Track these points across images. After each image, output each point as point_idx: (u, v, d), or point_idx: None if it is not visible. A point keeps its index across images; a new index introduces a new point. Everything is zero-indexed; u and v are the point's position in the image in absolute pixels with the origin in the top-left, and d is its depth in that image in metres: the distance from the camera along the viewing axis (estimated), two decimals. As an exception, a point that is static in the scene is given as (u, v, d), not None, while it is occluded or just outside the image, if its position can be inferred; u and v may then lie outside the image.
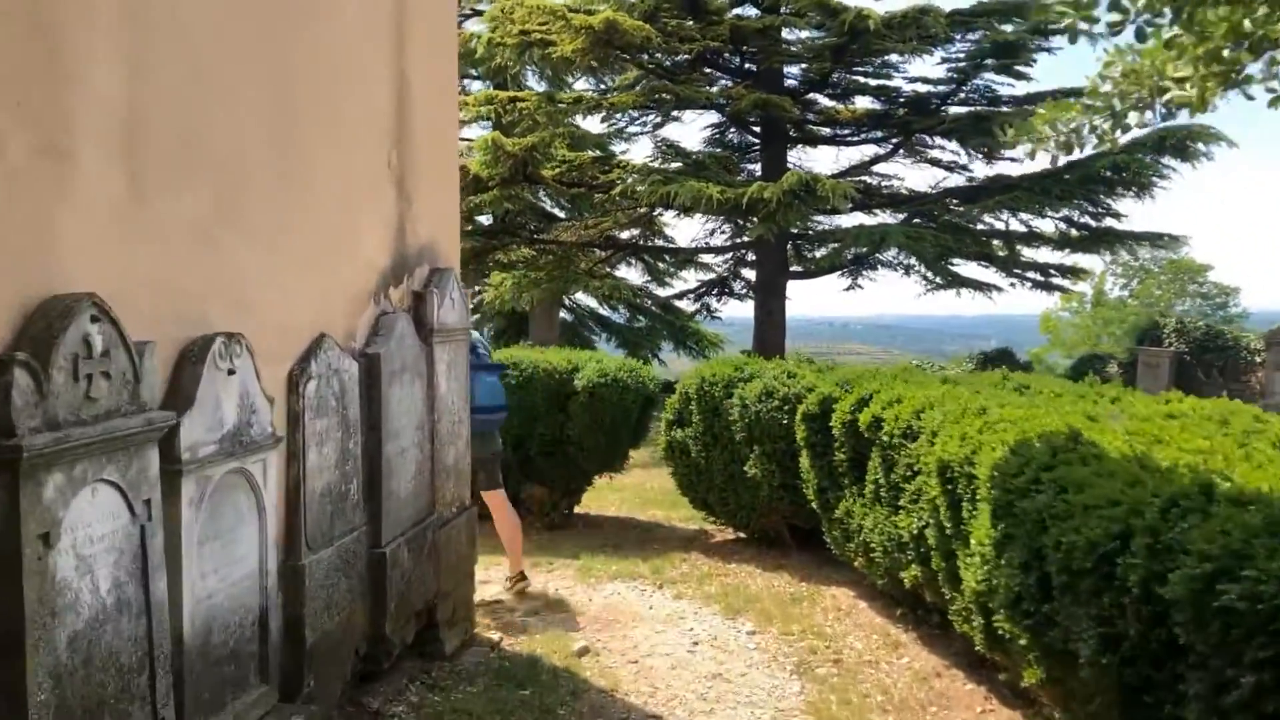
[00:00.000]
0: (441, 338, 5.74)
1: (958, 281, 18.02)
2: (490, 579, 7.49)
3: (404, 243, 5.50)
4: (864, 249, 16.85)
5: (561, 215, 22.87)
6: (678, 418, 8.76)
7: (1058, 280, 18.98)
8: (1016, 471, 3.98)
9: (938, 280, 18.14)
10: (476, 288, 24.94)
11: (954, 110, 17.90)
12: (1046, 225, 17.37)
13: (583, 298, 28.55)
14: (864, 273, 21.38)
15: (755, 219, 14.96)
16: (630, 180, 15.93)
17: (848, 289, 21.87)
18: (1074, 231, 17.26)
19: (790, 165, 17.63)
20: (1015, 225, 17.35)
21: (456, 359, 6.05)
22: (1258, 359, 17.39)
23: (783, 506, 7.87)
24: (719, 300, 23.51)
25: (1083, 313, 50.42)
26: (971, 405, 5.25)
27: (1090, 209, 16.53)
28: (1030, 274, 18.84)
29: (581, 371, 8.99)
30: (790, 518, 8.02)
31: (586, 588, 7.34)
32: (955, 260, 18.57)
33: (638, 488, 11.54)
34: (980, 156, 18.98)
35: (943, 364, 25.27)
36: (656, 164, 17.38)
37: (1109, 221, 16.91)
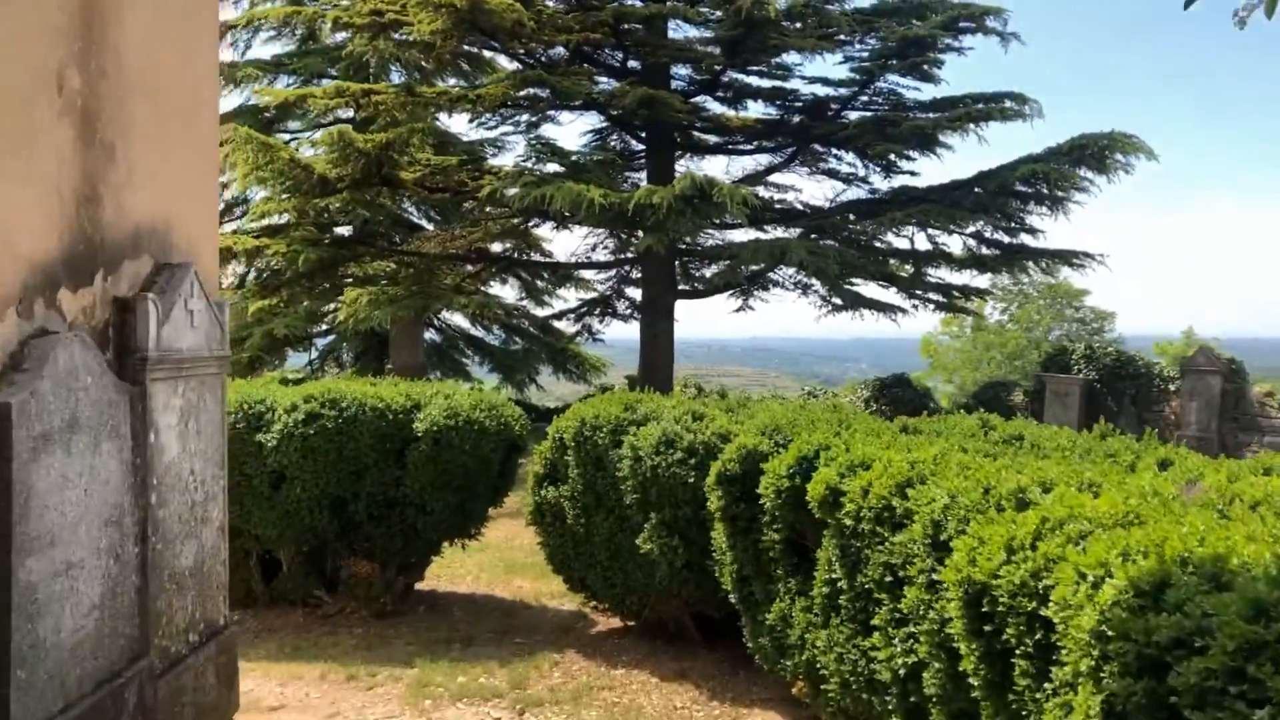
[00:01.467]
0: (167, 371, 3.65)
1: (859, 302, 16.50)
2: (286, 701, 5.38)
3: (96, 218, 3.38)
4: (761, 265, 15.16)
5: (429, 226, 20.68)
6: (549, 471, 6.76)
7: (961, 302, 17.68)
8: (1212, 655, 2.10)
9: (837, 301, 16.60)
10: (333, 305, 22.57)
11: (855, 115, 16.42)
12: (955, 242, 16.02)
13: (453, 317, 26.38)
14: (756, 293, 19.81)
15: (642, 230, 13.10)
16: (499, 183, 13.88)
17: (738, 310, 20.29)
18: (984, 249, 15.92)
19: (679, 174, 15.86)
20: (921, 242, 15.93)
21: (201, 404, 3.94)
22: (1171, 387, 16.31)
23: (687, 591, 5.93)
24: (601, 321, 21.62)
25: (963, 337, 50.30)
26: (998, 483, 3.41)
27: (1003, 224, 15.17)
28: (933, 295, 17.48)
29: (424, 410, 6.91)
30: (696, 605, 6.10)
31: (419, 716, 5.26)
32: (855, 280, 17.11)
33: (503, 546, 9.48)
34: (879, 169, 17.60)
35: (834, 390, 23.89)
36: (530, 164, 15.39)
37: (1024, 238, 15.61)
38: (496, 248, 19.08)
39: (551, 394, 35.84)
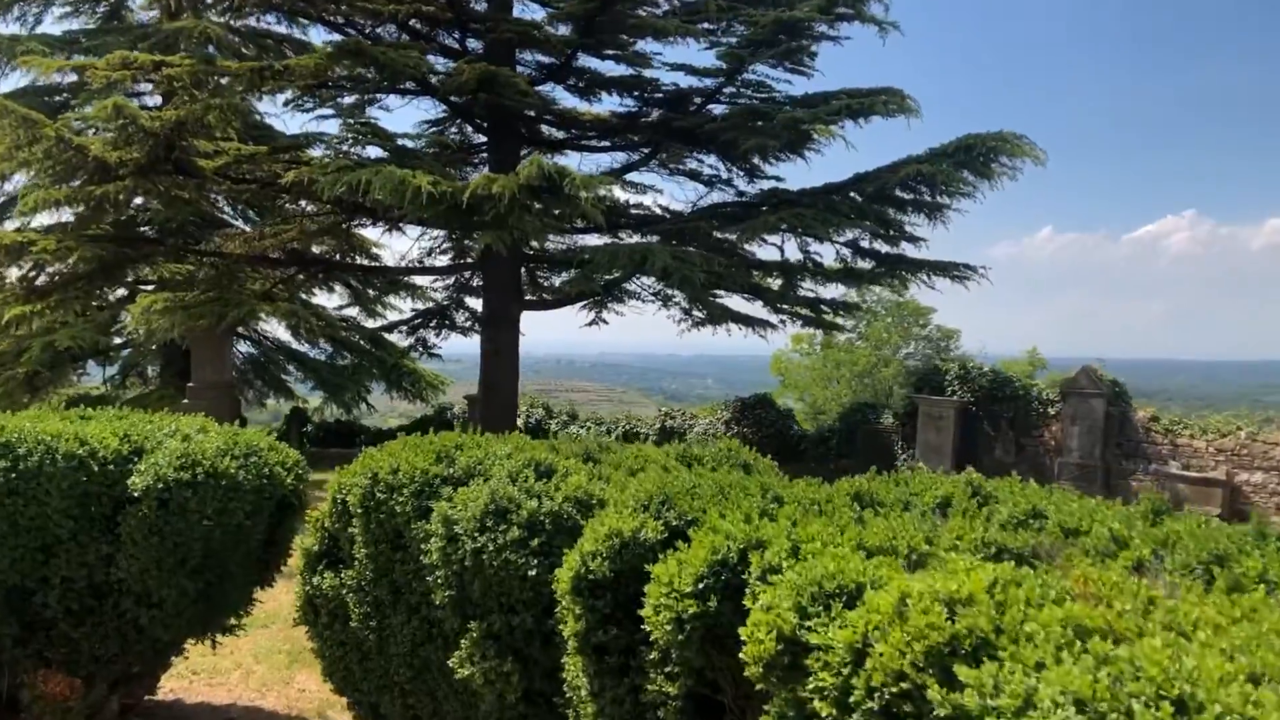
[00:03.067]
0: None
1: (725, 315, 14.89)
2: None
3: None
4: (618, 274, 13.36)
5: (243, 225, 18.13)
6: (327, 548, 4.75)
7: (830, 317, 16.30)
8: None
9: (700, 314, 14.96)
10: (123, 313, 19.73)
11: (721, 109, 14.81)
12: (828, 252, 14.60)
13: (274, 328, 23.76)
14: (610, 305, 18.05)
15: (481, 227, 11.07)
16: (307, 170, 11.66)
17: (590, 323, 18.49)
18: (860, 260, 14.52)
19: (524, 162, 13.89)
20: (792, 251, 14.46)
21: None
22: (1051, 410, 15.29)
23: (526, 730, 4.01)
24: (438, 334, 19.48)
25: (813, 354, 49.92)
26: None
27: (882, 231, 13.77)
28: (801, 309, 16.04)
29: (147, 459, 4.77)
30: (541, 746, 4.17)
31: None
32: (719, 291, 15.53)
33: (286, 618, 7.32)
34: (744, 172, 16.07)
35: (694, 409, 22.33)
36: (347, 147, 13.18)
37: (904, 247, 14.25)
38: (316, 250, 16.73)
39: (386, 414, 33.21)
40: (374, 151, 13.17)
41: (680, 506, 3.29)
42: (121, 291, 21.06)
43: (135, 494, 4.64)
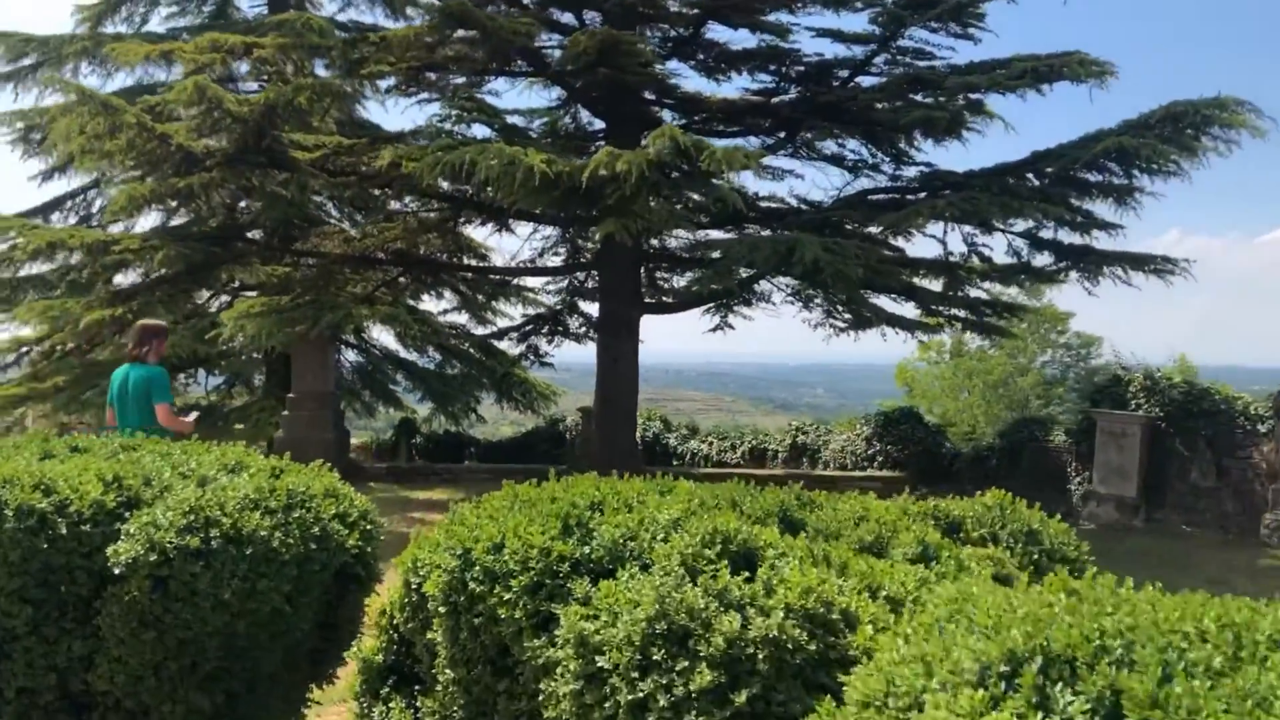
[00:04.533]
0: None
1: (878, 318, 13.00)
2: None
3: None
4: (754, 270, 11.61)
5: (344, 226, 16.98)
6: (396, 660, 3.17)
7: (994, 320, 14.24)
8: None
9: (845, 318, 13.12)
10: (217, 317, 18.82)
11: (869, 82, 12.93)
12: (996, 244, 12.62)
13: (381, 335, 22.71)
14: (738, 308, 16.33)
15: (599, 214, 9.48)
16: (404, 149, 10.26)
17: (715, 329, 16.81)
18: (1037, 254, 12.45)
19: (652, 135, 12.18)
20: (955, 243, 12.53)
21: None
22: (1261, 428, 13.00)
23: None
24: (550, 341, 18.02)
25: (942, 364, 47.28)
26: None
27: (1068, 218, 11.65)
28: (959, 310, 14.04)
29: (140, 514, 3.24)
30: None
31: None
32: (865, 291, 13.69)
33: None
34: (890, 157, 14.15)
35: (826, 424, 20.40)
36: (450, 125, 11.76)
37: (1095, 236, 12.07)
38: (422, 252, 15.42)
39: (496, 424, 32.02)
40: (480, 131, 11.73)
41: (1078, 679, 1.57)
42: (225, 298, 20.25)
43: (119, 568, 3.12)
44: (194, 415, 7.96)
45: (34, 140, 19.36)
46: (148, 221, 19.04)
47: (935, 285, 13.09)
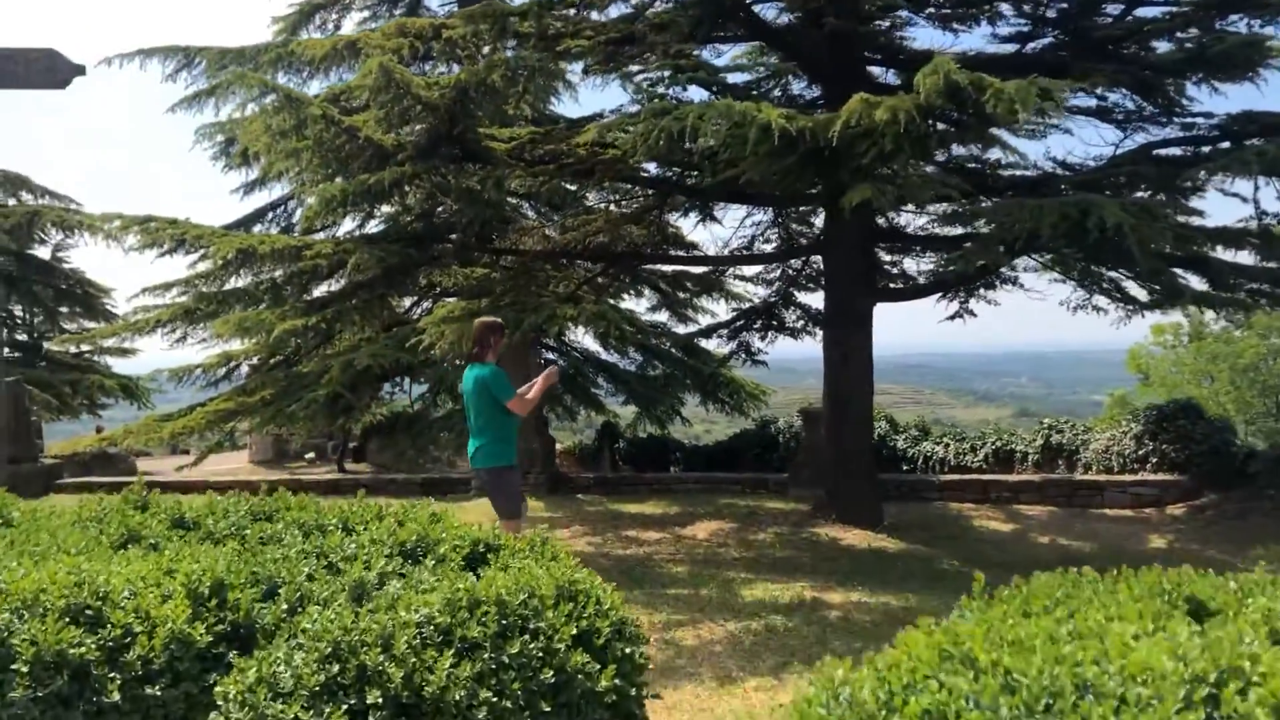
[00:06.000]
0: None
1: (1188, 296, 10.81)
2: None
3: None
4: (1020, 242, 9.64)
5: (530, 216, 15.96)
6: None
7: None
8: None
9: (1146, 296, 10.99)
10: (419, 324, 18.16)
11: (1149, 11, 10.74)
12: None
13: (582, 338, 21.73)
14: (981, 291, 14.33)
15: (843, 179, 7.83)
16: (613, 121, 8.94)
17: (954, 316, 14.83)
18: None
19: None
20: (1269, 201, 10.25)
21: None
22: None
23: None
24: (763, 337, 16.45)
25: (1180, 348, 43.07)
26: None
27: None
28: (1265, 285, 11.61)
29: (252, 660, 1.88)
30: None
31: None
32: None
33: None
34: (1158, 108, 11.87)
35: (1084, 423, 17.98)
36: (663, 88, 10.35)
37: None
38: (622, 243, 14.16)
39: (704, 426, 30.65)
40: (696, 95, 10.30)
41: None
42: (427, 304, 19.67)
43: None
44: (548, 371, 7.30)
45: (233, 153, 19.32)
46: (346, 229, 18.68)
47: (1227, 254, 10.77)
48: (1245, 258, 10.36)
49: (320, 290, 16.77)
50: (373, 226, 17.53)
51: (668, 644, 6.77)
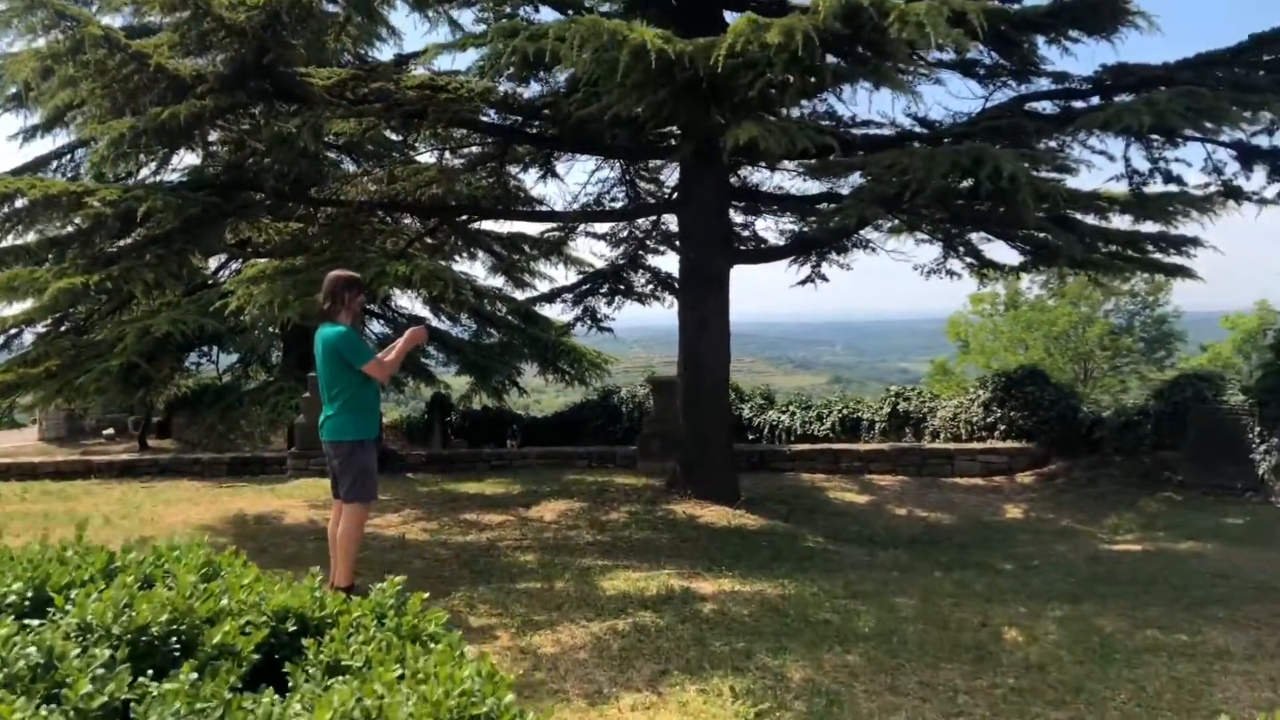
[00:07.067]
0: None
1: (1050, 253, 10.41)
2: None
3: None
4: (912, 186, 8.85)
5: (352, 170, 14.43)
6: None
7: (1169, 259, 11.60)
8: None
9: (1021, 258, 10.54)
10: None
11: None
12: (1196, 154, 9.97)
13: (409, 303, 20.31)
14: (833, 256, 13.84)
15: (723, 116, 6.87)
16: (441, 50, 7.73)
17: (805, 280, 14.33)
18: (1249, 169, 9.81)
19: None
20: (1138, 160, 9.91)
21: None
22: None
23: None
24: (610, 303, 15.52)
25: (995, 316, 44.51)
26: None
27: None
28: (1128, 250, 11.41)
29: None
30: None
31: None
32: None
33: None
34: (1011, 64, 11.45)
35: (931, 389, 17.79)
36: (509, 8, 9.17)
37: None
38: (453, 195, 12.88)
39: (541, 397, 29.45)
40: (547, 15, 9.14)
41: None
42: (237, 265, 17.85)
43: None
44: (412, 330, 6.39)
45: (5, 93, 16.97)
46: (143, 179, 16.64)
47: (1124, 222, 10.43)
48: (1117, 221, 10.02)
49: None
50: (174, 177, 15.64)
51: (524, 653, 5.75)
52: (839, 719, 4.71)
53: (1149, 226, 10.47)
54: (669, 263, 18.03)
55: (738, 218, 14.05)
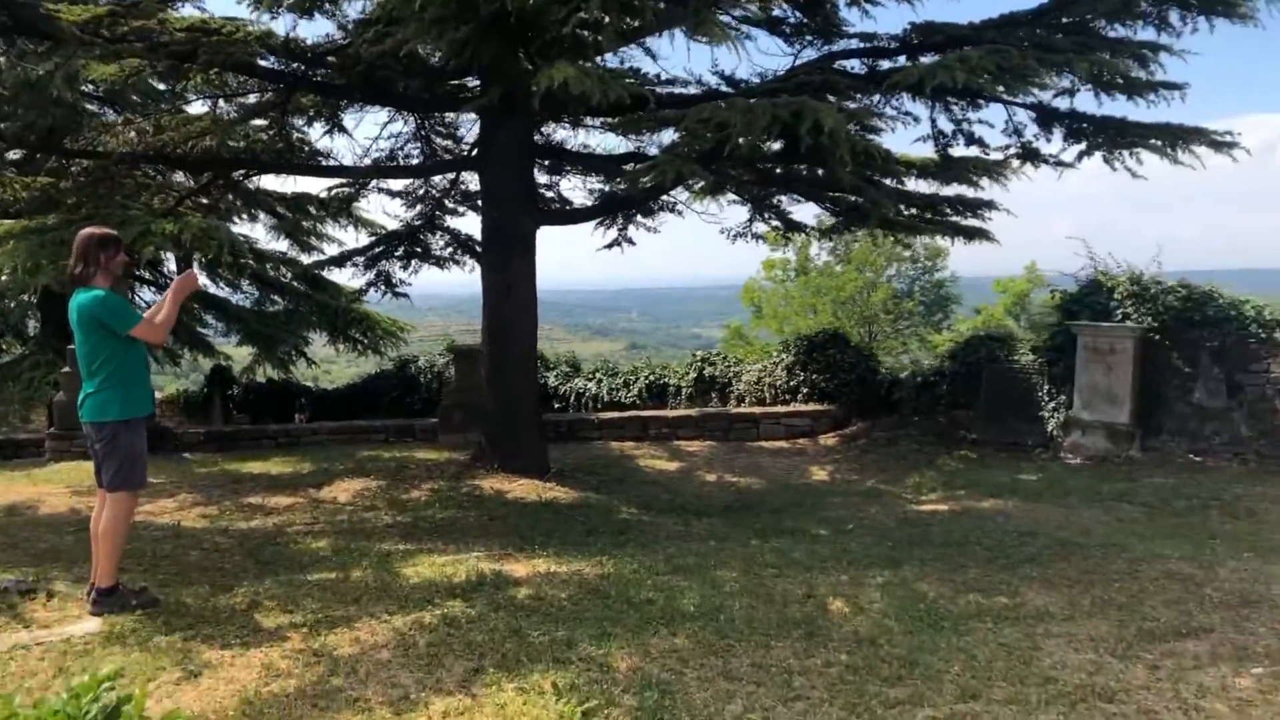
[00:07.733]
0: None
1: (862, 214, 10.35)
2: None
3: None
4: (731, 141, 8.49)
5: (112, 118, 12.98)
6: None
7: (967, 222, 11.85)
8: None
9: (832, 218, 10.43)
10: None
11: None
12: (997, 116, 10.12)
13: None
14: (640, 219, 13.52)
15: (533, 61, 6.29)
16: None
17: (613, 244, 13.97)
18: (1048, 132, 10.00)
19: None
20: (943, 121, 9.95)
21: None
22: (1278, 335, 11.18)
23: None
24: (405, 267, 14.65)
25: (787, 281, 45.65)
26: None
27: (1109, 79, 9.12)
28: (929, 213, 11.55)
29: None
30: None
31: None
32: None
33: None
34: (813, 23, 11.40)
35: (739, 352, 17.81)
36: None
37: (1133, 104, 9.59)
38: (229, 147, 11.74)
39: (333, 367, 28.02)
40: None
41: None
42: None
43: None
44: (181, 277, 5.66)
45: None
46: None
47: (924, 186, 10.47)
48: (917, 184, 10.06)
49: None
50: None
51: (318, 656, 5.08)
52: (672, 712, 4.32)
53: (949, 190, 10.61)
54: (469, 224, 17.30)
55: (542, 178, 13.51)
